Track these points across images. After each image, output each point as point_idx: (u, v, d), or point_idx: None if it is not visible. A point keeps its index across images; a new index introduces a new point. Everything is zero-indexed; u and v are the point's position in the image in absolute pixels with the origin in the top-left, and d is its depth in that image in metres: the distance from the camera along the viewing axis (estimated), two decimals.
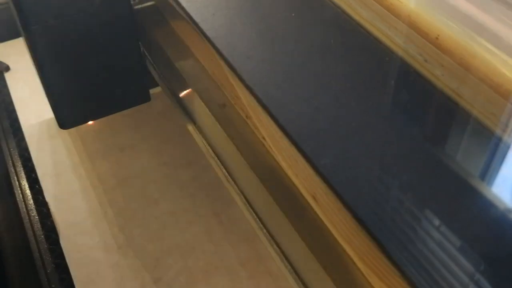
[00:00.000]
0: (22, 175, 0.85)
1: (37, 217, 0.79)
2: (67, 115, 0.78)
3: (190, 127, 0.68)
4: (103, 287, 0.72)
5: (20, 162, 0.87)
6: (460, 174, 0.44)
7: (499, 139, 0.44)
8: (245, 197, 0.59)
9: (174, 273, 0.73)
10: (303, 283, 0.52)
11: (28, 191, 0.83)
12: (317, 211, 0.47)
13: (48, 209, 0.80)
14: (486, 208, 0.43)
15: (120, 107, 0.85)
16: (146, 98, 0.85)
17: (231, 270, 0.73)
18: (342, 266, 0.46)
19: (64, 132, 0.92)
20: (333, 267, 0.47)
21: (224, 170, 0.62)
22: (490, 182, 0.44)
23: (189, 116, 0.69)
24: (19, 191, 0.82)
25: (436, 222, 0.44)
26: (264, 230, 0.57)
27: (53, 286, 0.71)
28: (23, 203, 0.81)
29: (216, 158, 0.64)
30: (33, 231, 0.77)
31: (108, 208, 0.81)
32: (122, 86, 0.80)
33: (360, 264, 0.43)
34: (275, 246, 0.55)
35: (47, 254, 0.75)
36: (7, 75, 1.04)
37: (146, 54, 0.79)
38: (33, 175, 0.85)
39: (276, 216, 0.53)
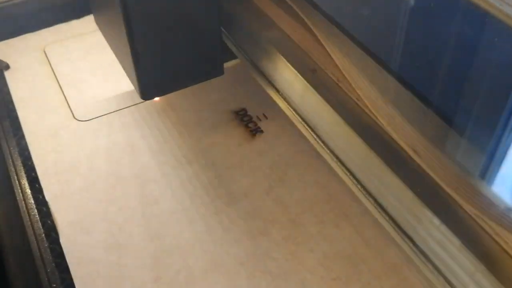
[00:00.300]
0: (22, 174, 0.85)
1: (37, 216, 0.79)
2: (150, 86, 0.81)
3: (274, 95, 0.74)
4: (103, 286, 0.72)
5: (20, 161, 0.87)
6: None
7: None
8: (336, 157, 0.64)
9: (174, 272, 0.73)
10: (403, 232, 0.57)
11: (28, 190, 0.83)
12: (420, 163, 0.53)
13: (48, 208, 0.80)
14: None
15: (195, 80, 0.88)
16: (220, 71, 0.87)
17: (231, 270, 0.73)
18: (450, 210, 0.51)
19: (64, 130, 0.92)
20: (441, 213, 0.52)
21: (313, 133, 0.67)
22: None
23: (272, 85, 0.74)
24: (19, 190, 0.83)
25: None
26: (359, 186, 0.61)
27: (53, 285, 0.71)
28: (23, 202, 0.81)
29: (304, 123, 0.68)
30: (33, 230, 0.77)
31: (109, 207, 0.81)
32: (200, 59, 0.83)
33: (467, 207, 0.49)
34: (371, 199, 0.59)
35: (47, 253, 0.75)
36: (6, 74, 1.04)
37: (222, 28, 0.82)
38: (33, 174, 0.85)
39: (375, 169, 0.58)
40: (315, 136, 0.67)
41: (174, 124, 0.93)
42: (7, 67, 1.04)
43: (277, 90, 0.73)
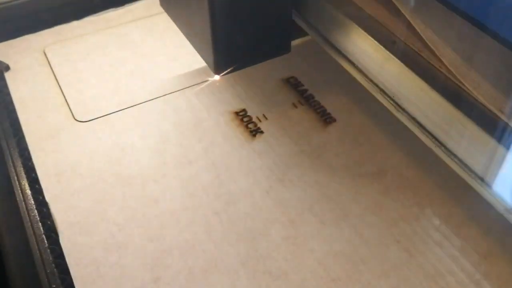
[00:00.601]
0: (22, 175, 0.85)
1: (37, 217, 0.79)
2: (223, 61, 0.86)
3: (349, 68, 0.79)
4: (103, 286, 0.72)
5: (20, 162, 0.87)
6: None
7: None
8: (418, 122, 0.69)
9: (174, 273, 0.73)
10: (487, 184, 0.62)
11: (28, 191, 0.83)
12: (507, 121, 0.57)
13: (48, 209, 0.80)
14: None
15: (265, 57, 0.92)
16: (288, 49, 0.91)
17: (231, 270, 0.73)
18: None
19: (64, 131, 0.92)
20: None
21: (392, 101, 0.72)
22: None
23: (346, 58, 0.79)
24: (19, 191, 0.83)
25: None
26: (443, 148, 0.65)
27: (53, 286, 0.71)
28: (23, 203, 0.81)
29: (382, 92, 0.73)
30: (33, 231, 0.77)
31: (109, 207, 0.81)
32: (271, 36, 0.88)
33: None
34: (456, 160, 0.64)
35: (47, 254, 0.75)
36: (7, 75, 1.04)
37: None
38: (33, 174, 0.85)
39: (463, 131, 0.62)
40: (394, 104, 0.71)
41: (174, 124, 0.93)
42: (7, 68, 1.04)
43: (352, 63, 0.77)
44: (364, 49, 0.75)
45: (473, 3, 0.60)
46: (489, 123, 0.60)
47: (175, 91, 0.99)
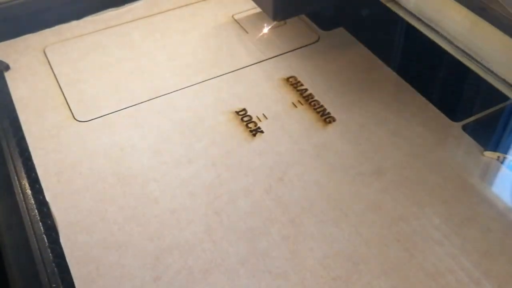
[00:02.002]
0: (22, 174, 0.85)
1: (37, 216, 0.80)
2: (280, 10, 1.00)
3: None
4: (103, 286, 0.72)
5: (20, 161, 0.87)
6: None
7: None
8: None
9: (174, 272, 0.73)
10: None
11: (28, 191, 0.83)
12: None
13: (48, 208, 0.80)
14: None
15: (314, 6, 1.07)
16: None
17: (230, 269, 0.73)
18: None
19: (64, 130, 0.92)
20: None
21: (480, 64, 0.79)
22: None
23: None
24: (19, 191, 0.83)
25: None
26: None
27: (53, 285, 0.71)
28: (23, 202, 0.81)
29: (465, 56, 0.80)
30: (34, 230, 0.78)
31: (109, 206, 0.81)
32: None
33: None
34: None
35: (48, 253, 0.75)
36: (7, 74, 1.04)
37: None
38: (33, 174, 0.85)
39: None
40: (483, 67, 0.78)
41: (174, 124, 0.93)
42: (7, 67, 1.04)
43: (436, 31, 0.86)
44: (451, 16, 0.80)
45: None
46: None
47: (175, 91, 0.99)
